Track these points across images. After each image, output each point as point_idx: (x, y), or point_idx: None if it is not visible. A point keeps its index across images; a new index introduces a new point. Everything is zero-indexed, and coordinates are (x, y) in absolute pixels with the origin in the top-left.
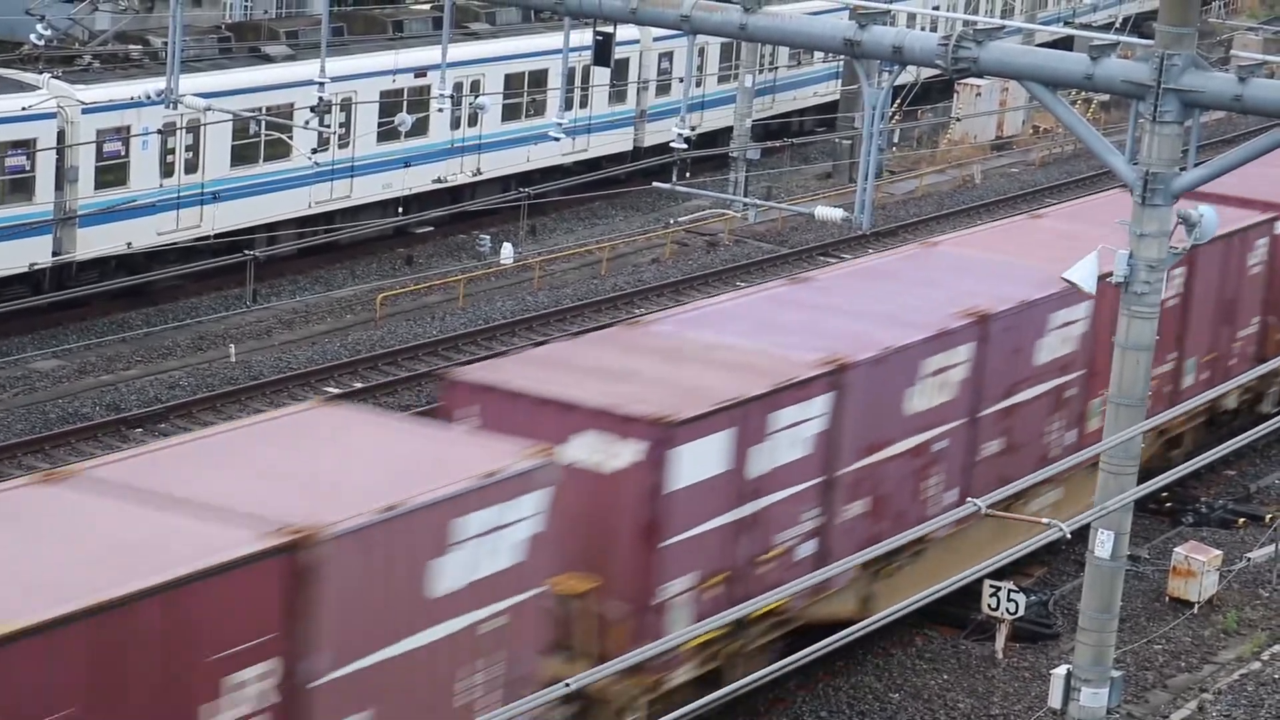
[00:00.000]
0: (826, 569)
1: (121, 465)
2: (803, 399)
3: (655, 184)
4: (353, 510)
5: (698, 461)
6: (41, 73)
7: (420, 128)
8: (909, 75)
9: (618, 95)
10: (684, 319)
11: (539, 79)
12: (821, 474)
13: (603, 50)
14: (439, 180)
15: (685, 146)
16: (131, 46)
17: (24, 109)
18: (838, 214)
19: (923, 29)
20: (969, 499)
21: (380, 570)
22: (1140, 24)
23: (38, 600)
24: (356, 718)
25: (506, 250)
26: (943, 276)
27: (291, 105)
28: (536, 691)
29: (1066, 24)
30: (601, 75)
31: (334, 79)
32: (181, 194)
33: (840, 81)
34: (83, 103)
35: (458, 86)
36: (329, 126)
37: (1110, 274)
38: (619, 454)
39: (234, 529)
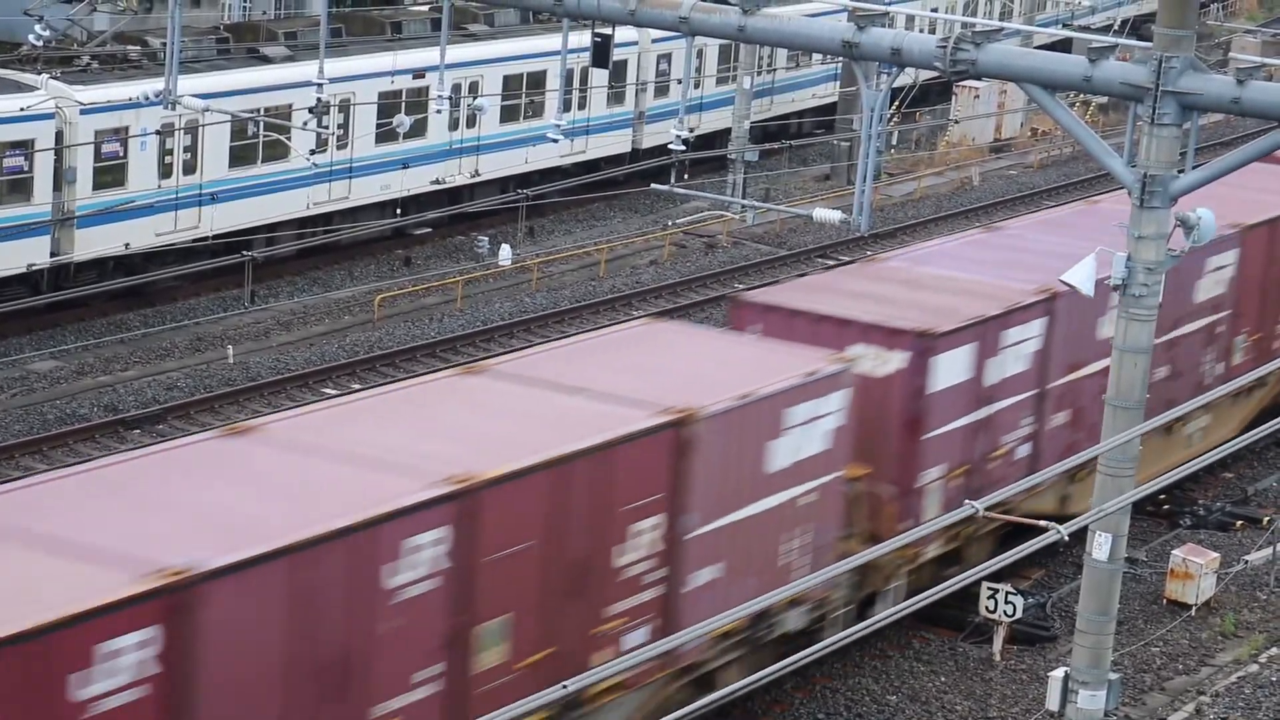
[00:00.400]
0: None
1: (525, 361)
2: (1024, 321)
3: (653, 186)
4: (718, 397)
5: (950, 369)
6: (40, 73)
7: (419, 129)
8: (907, 77)
9: (616, 97)
10: (910, 257)
11: (537, 80)
12: (1036, 386)
13: (601, 52)
14: (437, 181)
15: (684, 148)
16: (130, 47)
17: (22, 110)
18: (836, 216)
19: (921, 31)
20: (967, 500)
21: (734, 448)
22: (1139, 26)
23: (508, 454)
24: (712, 568)
25: (505, 252)
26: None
27: (290, 106)
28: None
29: (1065, 26)
30: (600, 77)
31: (332, 80)
32: (180, 195)
33: (839, 83)
34: (81, 103)
35: (456, 88)
36: (327, 128)
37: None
38: (888, 361)
39: (638, 410)
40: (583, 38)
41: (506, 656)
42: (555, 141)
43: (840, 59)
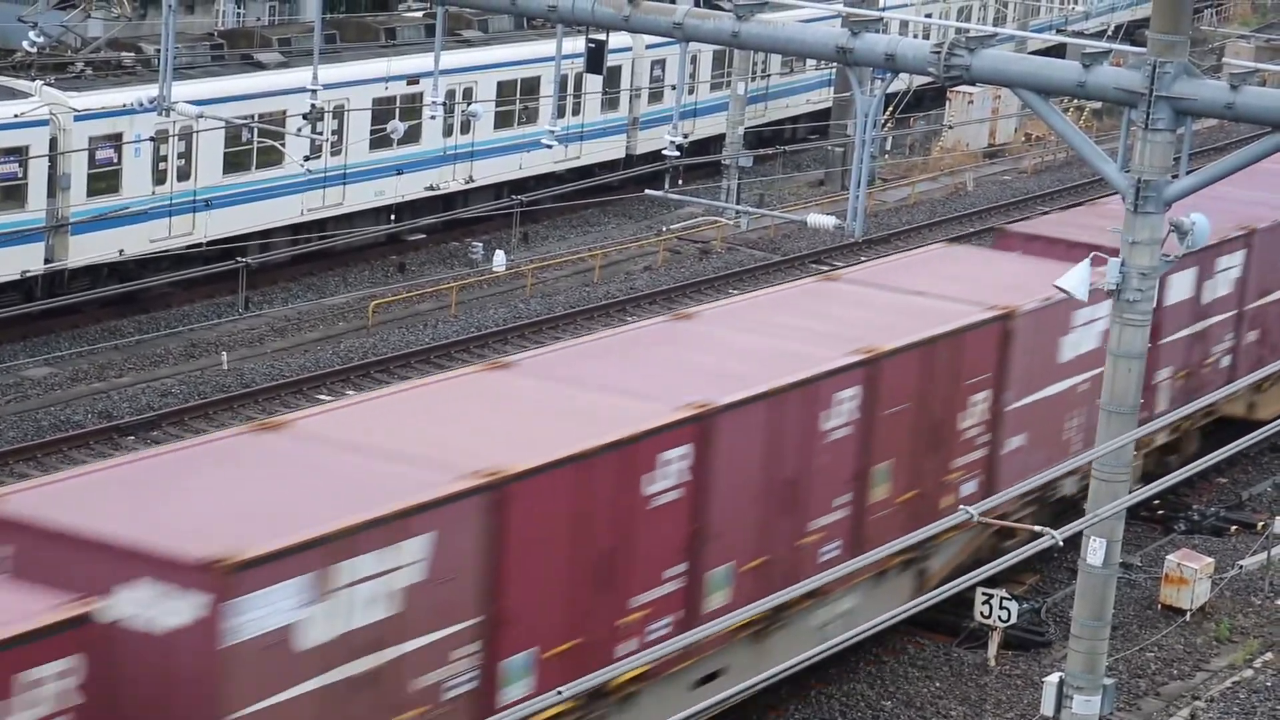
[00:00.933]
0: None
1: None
2: (1231, 252)
3: (648, 191)
4: (1032, 298)
5: (1178, 287)
6: (34, 80)
7: (413, 135)
8: (901, 83)
9: (610, 103)
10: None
11: (531, 86)
12: (1236, 308)
13: (595, 57)
14: (431, 187)
15: (678, 154)
16: (124, 54)
17: (16, 116)
18: (830, 221)
19: (915, 37)
20: (961, 506)
21: (1037, 339)
22: (1132, 32)
23: (898, 336)
24: (1019, 437)
25: (499, 258)
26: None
27: (284, 112)
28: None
29: (1059, 31)
30: (594, 82)
31: (326, 86)
32: (174, 201)
33: (833, 89)
34: (75, 110)
35: (450, 94)
36: (321, 134)
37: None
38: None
39: (973, 308)
40: (577, 43)
41: (889, 494)
42: (549, 147)
43: (834, 64)
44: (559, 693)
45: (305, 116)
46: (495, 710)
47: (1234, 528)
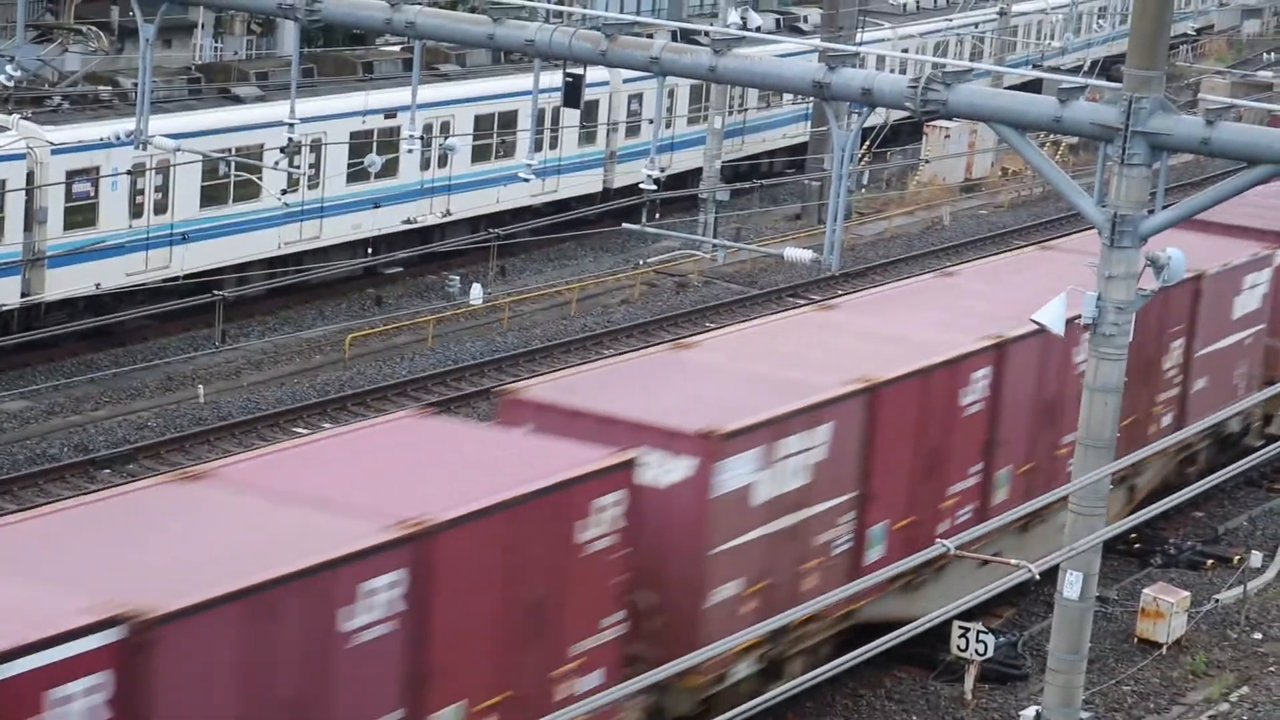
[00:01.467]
0: None
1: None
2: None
3: (625, 225)
4: (1224, 261)
5: None
6: (10, 113)
7: (390, 169)
8: (878, 117)
9: (587, 136)
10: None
11: (509, 120)
12: None
13: (573, 92)
14: (408, 221)
15: (655, 188)
16: (101, 87)
17: None
18: (807, 255)
19: (892, 71)
20: (938, 540)
21: (1221, 297)
22: (1108, 67)
23: None
24: (1203, 379)
25: (476, 291)
26: None
27: (261, 146)
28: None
29: (1035, 67)
30: (571, 116)
31: (304, 120)
32: (150, 235)
33: (809, 123)
34: (52, 143)
35: (427, 127)
36: (298, 167)
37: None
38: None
39: None
40: (554, 78)
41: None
42: (526, 181)
43: (811, 99)
44: None
45: (282, 150)
46: (862, 570)
47: (1210, 562)
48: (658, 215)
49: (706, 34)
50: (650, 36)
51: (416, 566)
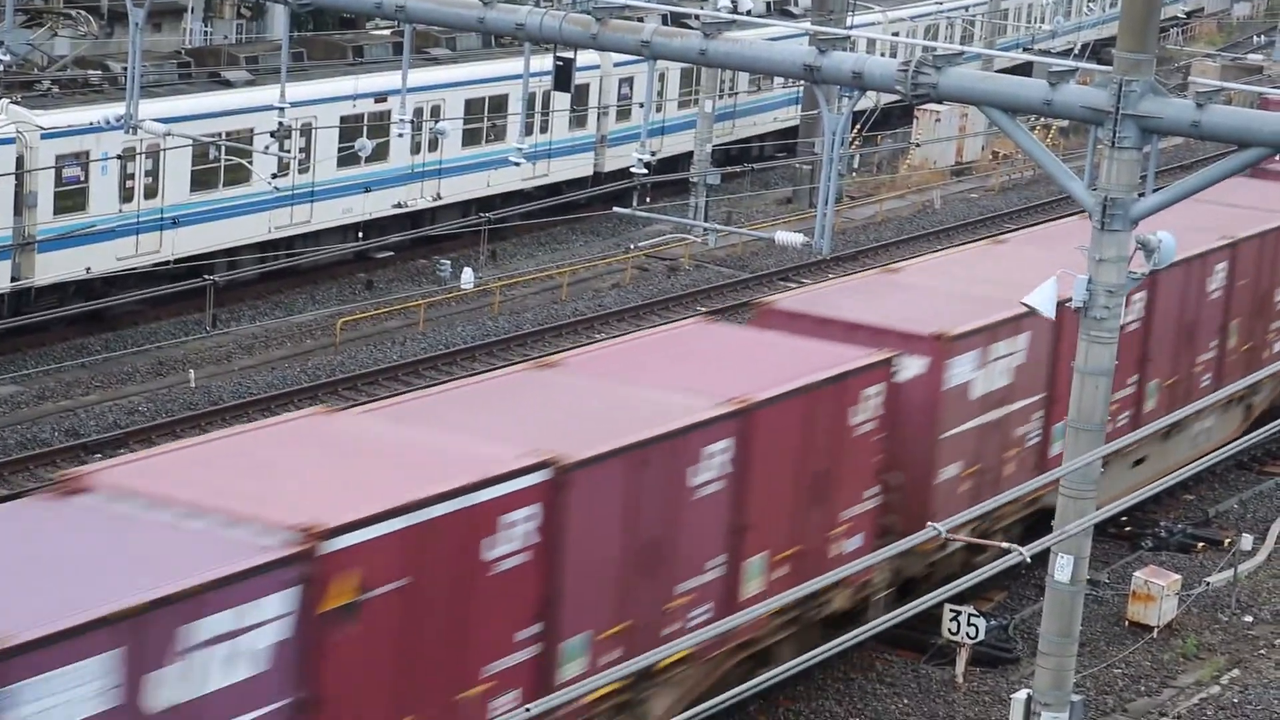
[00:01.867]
0: None
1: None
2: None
3: (616, 209)
4: None
5: None
6: (0, 98)
7: (380, 153)
8: (868, 101)
9: (578, 120)
10: None
11: (499, 104)
12: None
13: (563, 75)
14: (399, 205)
15: (645, 171)
16: (91, 72)
17: None
18: (798, 239)
19: (882, 55)
20: (930, 524)
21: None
22: (1099, 50)
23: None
24: None
25: (467, 275)
26: None
27: (251, 130)
28: None
29: (1025, 50)
30: (562, 100)
31: (294, 104)
32: (141, 219)
33: (800, 107)
34: (42, 128)
35: (418, 111)
36: (289, 151)
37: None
38: None
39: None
40: (544, 61)
41: (1235, 345)
42: (517, 165)
43: (802, 83)
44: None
45: (273, 134)
46: (1047, 463)
47: (1201, 545)
48: (648, 199)
49: (697, 17)
50: (641, 20)
51: (740, 436)
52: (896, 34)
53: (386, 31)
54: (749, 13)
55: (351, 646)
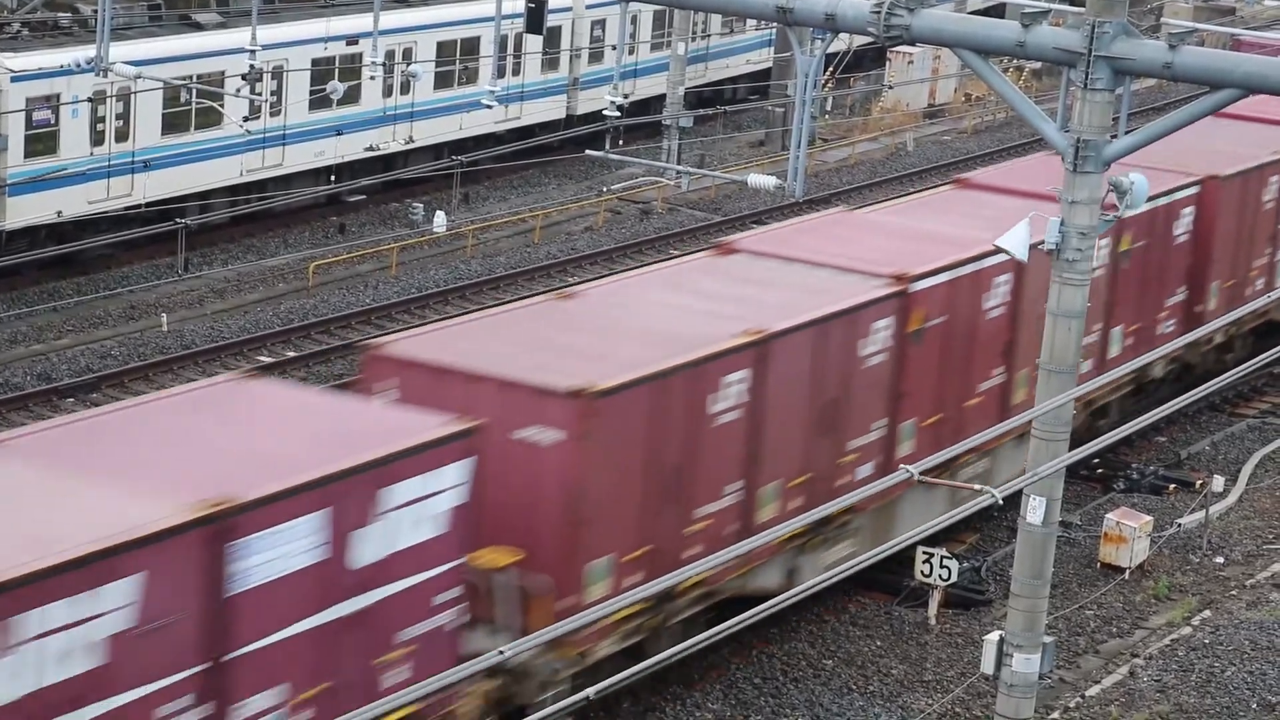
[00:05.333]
0: None
1: None
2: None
3: (588, 152)
4: None
5: None
6: None
7: (352, 95)
8: (841, 43)
9: (550, 63)
10: None
11: (471, 47)
12: None
13: (535, 17)
14: (371, 148)
15: (618, 114)
16: (60, 14)
17: None
18: (771, 181)
19: None
20: (901, 465)
21: None
22: None
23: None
24: None
25: (439, 218)
26: None
27: (223, 73)
28: None
29: None
30: (534, 43)
31: (265, 47)
32: (112, 162)
33: (773, 49)
34: (11, 70)
35: (389, 54)
36: (260, 94)
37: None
38: None
39: None
40: (517, 3)
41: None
42: (489, 108)
43: (774, 24)
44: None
45: (244, 77)
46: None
47: (1172, 486)
48: (621, 142)
49: None
50: None
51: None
52: None
53: None
54: None
55: (918, 358)
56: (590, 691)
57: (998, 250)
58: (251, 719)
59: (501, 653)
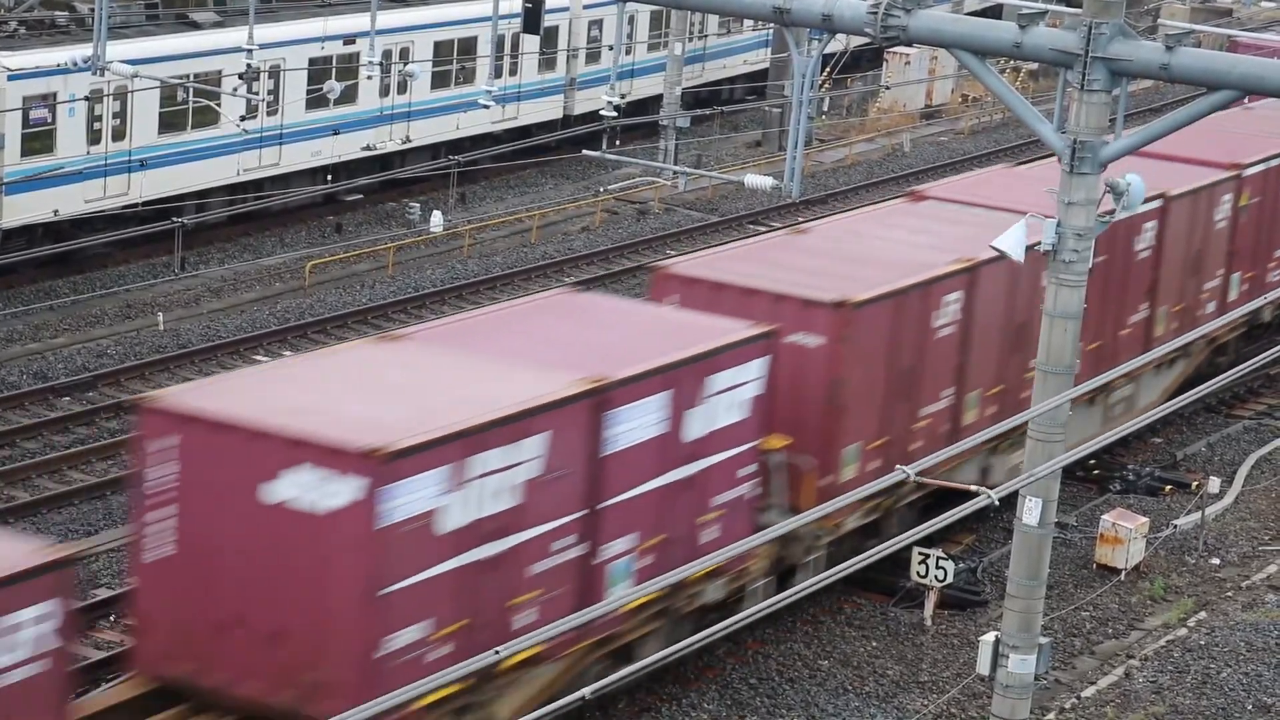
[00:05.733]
0: None
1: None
2: None
3: (585, 152)
4: None
5: None
6: None
7: (349, 95)
8: (838, 43)
9: (547, 63)
10: None
11: (468, 46)
12: None
13: (532, 17)
14: (368, 148)
15: (615, 114)
16: (58, 13)
17: None
18: (768, 182)
19: None
20: (898, 466)
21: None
22: None
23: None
24: None
25: (436, 218)
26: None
27: (220, 72)
28: None
29: None
30: (531, 43)
31: (262, 46)
32: (109, 161)
33: (770, 49)
34: (9, 69)
35: (387, 54)
36: (257, 94)
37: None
38: None
39: None
40: (514, 3)
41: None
42: (487, 108)
43: (772, 25)
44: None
45: (241, 76)
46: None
47: (1168, 488)
48: (618, 142)
49: None
50: None
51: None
52: None
53: None
54: None
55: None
56: (586, 691)
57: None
58: (611, 559)
59: (496, 652)
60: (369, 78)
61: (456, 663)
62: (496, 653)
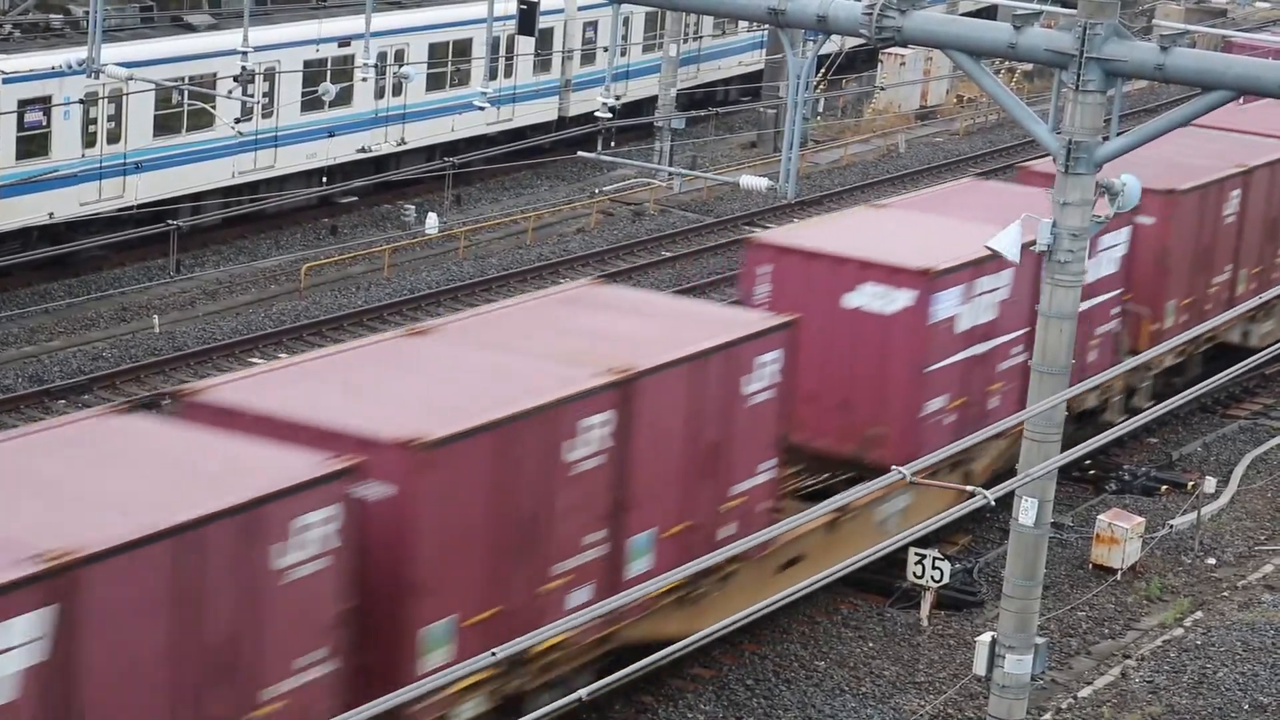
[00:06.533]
0: None
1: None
2: None
3: (580, 153)
4: None
5: None
6: None
7: (344, 97)
8: (833, 44)
9: (542, 65)
10: None
11: (463, 48)
12: None
13: (527, 19)
14: (363, 150)
15: (610, 116)
16: (53, 15)
17: None
18: (763, 183)
19: None
20: (894, 467)
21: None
22: None
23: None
24: None
25: (431, 220)
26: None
27: (215, 75)
28: None
29: None
30: (526, 44)
31: (257, 48)
32: (104, 164)
33: (765, 51)
34: (3, 72)
35: (382, 56)
36: (252, 96)
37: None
38: None
39: None
40: (509, 5)
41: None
42: (481, 109)
43: (767, 26)
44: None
45: (236, 79)
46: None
47: (1164, 488)
48: (613, 144)
49: None
50: None
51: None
52: None
53: None
54: None
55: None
56: (584, 692)
57: (994, 250)
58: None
59: (494, 653)
60: (364, 80)
61: (961, 431)
62: None
